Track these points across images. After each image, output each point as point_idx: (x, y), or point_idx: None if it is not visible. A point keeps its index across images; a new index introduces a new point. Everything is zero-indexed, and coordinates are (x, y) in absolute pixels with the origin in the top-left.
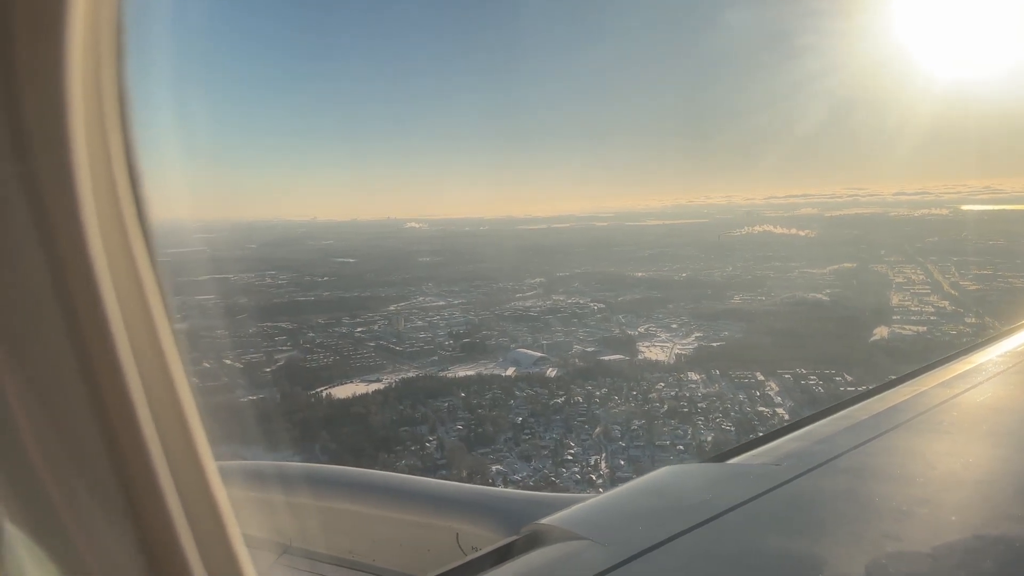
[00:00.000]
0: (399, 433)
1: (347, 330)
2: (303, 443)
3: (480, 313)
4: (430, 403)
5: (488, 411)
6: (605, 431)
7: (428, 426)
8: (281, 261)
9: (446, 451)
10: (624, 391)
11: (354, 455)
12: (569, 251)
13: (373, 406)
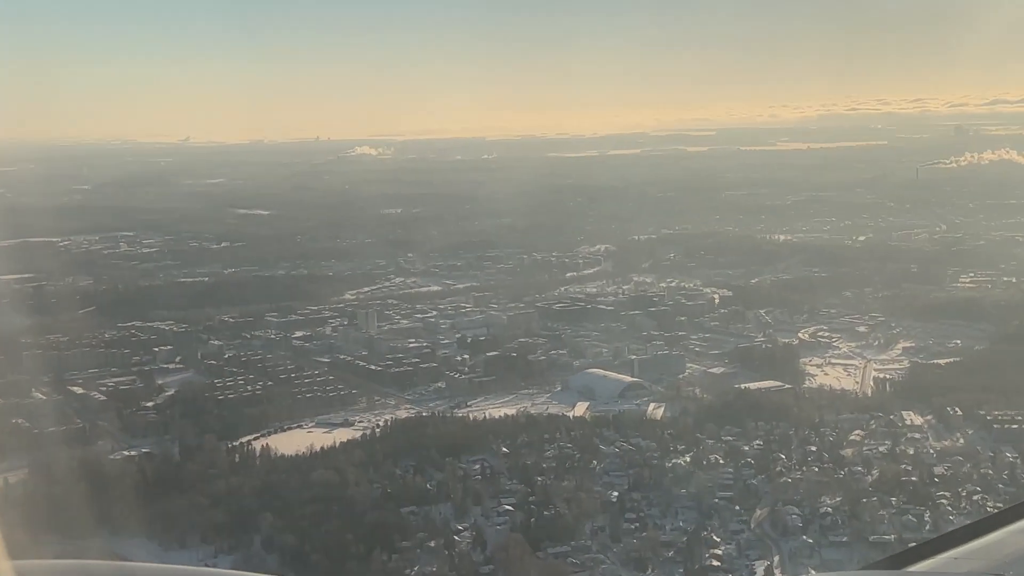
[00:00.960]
0: (402, 519)
1: (276, 334)
2: (232, 535)
3: (507, 305)
4: (449, 464)
5: (554, 478)
6: (773, 516)
7: (453, 505)
8: (141, 214)
9: (491, 550)
10: (794, 444)
11: (330, 559)
12: (647, 195)
13: (349, 469)
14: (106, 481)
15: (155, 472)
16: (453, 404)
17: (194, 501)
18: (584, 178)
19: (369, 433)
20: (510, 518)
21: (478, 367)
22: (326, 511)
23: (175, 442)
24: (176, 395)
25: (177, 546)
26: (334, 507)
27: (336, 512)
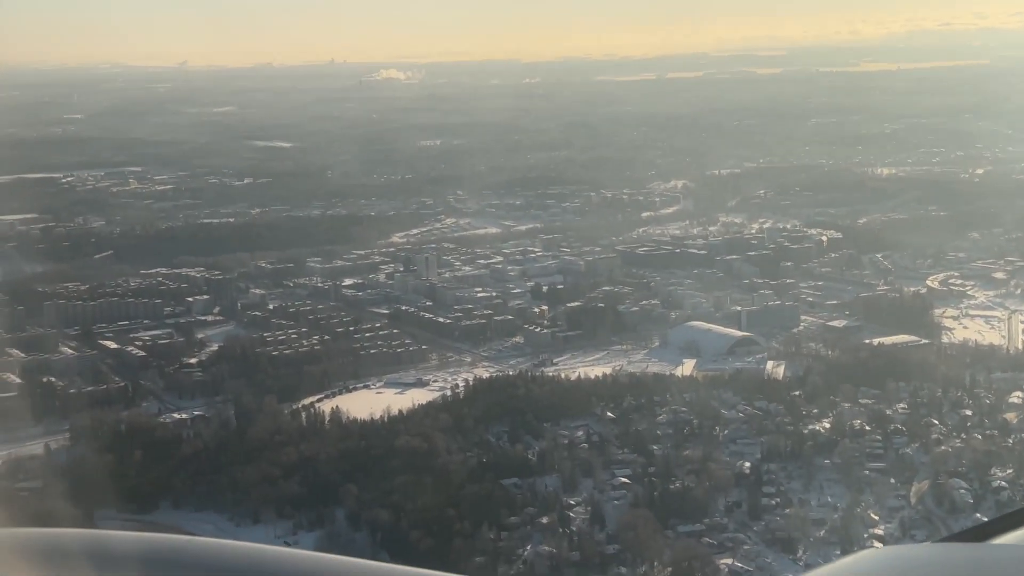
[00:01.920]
0: (505, 492)
1: (323, 282)
2: (312, 509)
3: (580, 250)
4: (549, 431)
5: (673, 446)
6: (937, 490)
7: (561, 477)
8: (146, 147)
9: (614, 528)
10: (945, 408)
11: (432, 536)
12: (719, 124)
13: (436, 436)
14: (160, 448)
15: (213, 438)
16: (537, 362)
17: (264, 471)
18: (644, 105)
19: (449, 395)
20: (628, 492)
21: (560, 320)
22: (418, 483)
23: (229, 404)
24: (221, 351)
25: (250, 521)
26: (427, 478)
27: (430, 484)
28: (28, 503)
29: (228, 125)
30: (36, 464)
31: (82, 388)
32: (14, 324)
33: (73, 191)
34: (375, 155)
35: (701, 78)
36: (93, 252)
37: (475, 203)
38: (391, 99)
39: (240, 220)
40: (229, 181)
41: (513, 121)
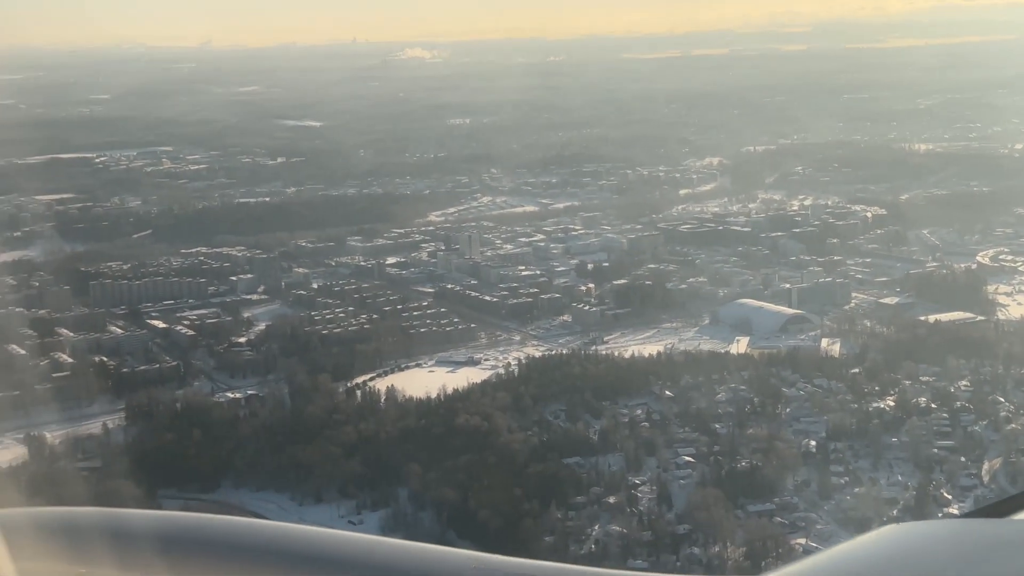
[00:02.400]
0: (569, 471)
1: (365, 260)
2: (375, 488)
3: (621, 227)
4: (607, 410)
5: (736, 425)
6: (1010, 469)
7: (624, 456)
8: (175, 126)
9: (683, 508)
10: (1009, 385)
11: (500, 516)
12: (750, 101)
13: (494, 415)
14: (217, 427)
15: (270, 417)
16: (587, 340)
17: (325, 450)
18: (672, 82)
19: (503, 373)
20: (693, 471)
21: (607, 298)
22: (481, 462)
23: (283, 383)
24: (270, 330)
25: (312, 500)
26: (489, 457)
27: (493, 463)
28: (89, 483)
29: (256, 104)
30: (94, 443)
31: (135, 367)
32: (61, 303)
33: (107, 171)
34: (405, 134)
35: (727, 55)
36: (131, 232)
37: (510, 181)
38: (417, 78)
39: (276, 199)
40: (262, 160)
41: (542, 99)
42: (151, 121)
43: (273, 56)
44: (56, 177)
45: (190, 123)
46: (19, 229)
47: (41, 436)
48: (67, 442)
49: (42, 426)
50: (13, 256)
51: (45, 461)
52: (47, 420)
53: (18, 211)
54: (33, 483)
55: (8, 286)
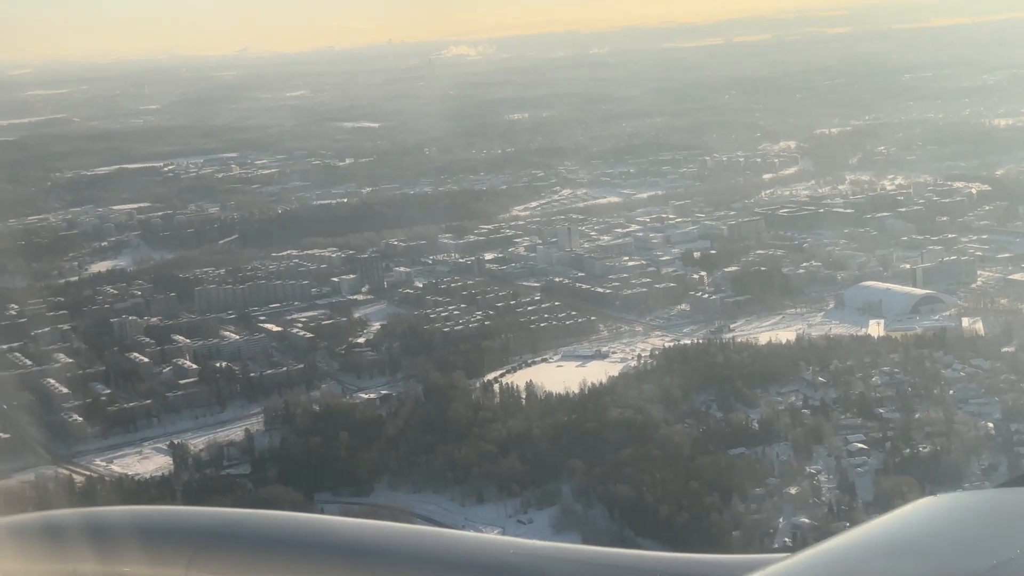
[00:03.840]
0: (739, 462)
1: (462, 257)
2: (536, 485)
3: (714, 214)
4: (760, 398)
5: (901, 408)
6: None
7: (790, 444)
8: (234, 132)
9: (866, 495)
10: None
11: (682, 510)
12: (811, 84)
13: (647, 407)
14: (361, 428)
15: (412, 416)
16: (713, 329)
17: (479, 448)
18: (721, 69)
19: (637, 365)
20: (868, 457)
21: (723, 285)
22: (646, 455)
23: (414, 382)
24: (386, 329)
25: (474, 500)
26: (653, 450)
27: (658, 456)
28: (243, 489)
29: (307, 108)
30: (237, 449)
31: (262, 372)
32: (169, 310)
33: (177, 179)
34: (466, 130)
35: (769, 40)
36: (218, 237)
37: (586, 173)
38: (461, 75)
39: (353, 200)
40: (331, 162)
41: (593, 91)
42: (206, 128)
43: (310, 61)
44: (128, 187)
45: (247, 129)
46: (104, 239)
47: (184, 444)
48: (210, 449)
49: (177, 434)
50: (105, 266)
51: (192, 469)
52: (181, 428)
53: (100, 222)
54: (188, 492)
55: (111, 295)
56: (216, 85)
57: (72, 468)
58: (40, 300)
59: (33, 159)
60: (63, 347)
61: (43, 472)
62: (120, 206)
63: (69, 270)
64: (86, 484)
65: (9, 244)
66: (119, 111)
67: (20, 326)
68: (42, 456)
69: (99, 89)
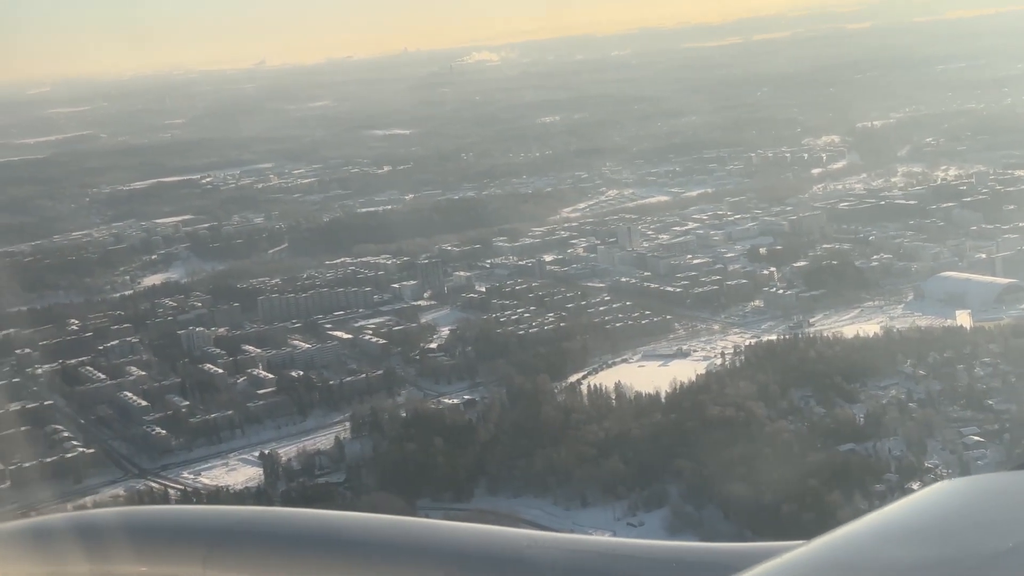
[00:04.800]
0: (853, 458)
1: (522, 260)
2: (641, 487)
3: (770, 210)
4: (857, 391)
5: (1015, 400)
6: None
7: (901, 439)
8: (264, 143)
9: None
10: None
11: (805, 509)
12: (841, 79)
13: (745, 404)
14: (452, 433)
15: (503, 420)
16: (792, 324)
17: (577, 451)
18: (748, 66)
19: (727, 363)
20: (986, 450)
21: (795, 281)
22: (756, 453)
23: (497, 386)
24: (457, 334)
25: (578, 504)
26: (763, 448)
27: (769, 454)
28: (343, 496)
29: (333, 118)
30: (327, 458)
31: (342, 379)
32: (234, 321)
33: (217, 191)
34: (500, 135)
35: (789, 38)
36: (267, 247)
37: (630, 173)
38: (485, 81)
39: (398, 206)
40: (369, 170)
41: (622, 92)
42: (236, 140)
43: (327, 71)
44: (167, 200)
45: (277, 139)
46: (153, 252)
47: (275, 454)
48: (300, 458)
49: (261, 444)
50: (158, 279)
51: (284, 478)
52: (265, 438)
53: (147, 235)
54: (287, 501)
55: (171, 308)
56: (237, 98)
57: (160, 481)
58: (100, 314)
59: (68, 175)
60: (133, 360)
61: (132, 486)
62: (163, 219)
63: (122, 284)
64: (181, 497)
65: (59, 259)
66: (144, 126)
67: (86, 340)
68: (128, 470)
69: (120, 105)
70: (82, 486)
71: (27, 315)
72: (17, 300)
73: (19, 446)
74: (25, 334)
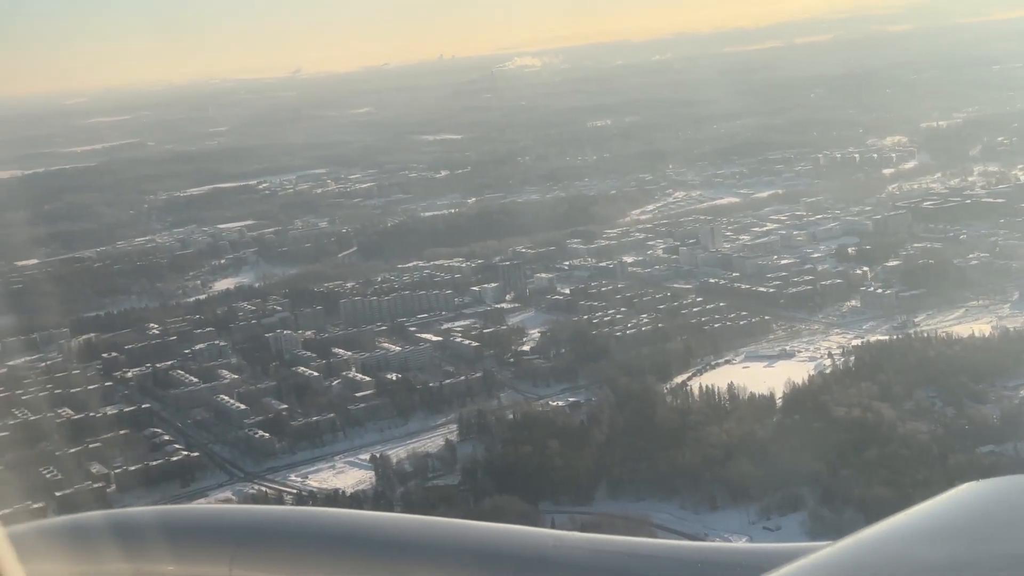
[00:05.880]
0: (994, 460)
1: (600, 262)
2: (773, 490)
3: (849, 209)
4: (984, 391)
5: None
6: None
7: None
8: (314, 150)
9: None
10: None
11: None
12: (896, 80)
13: (872, 405)
14: (564, 436)
15: (613, 421)
16: (896, 324)
17: (700, 453)
18: (795, 69)
19: (839, 363)
20: None
21: (892, 280)
22: (893, 455)
23: (598, 387)
24: (549, 336)
25: (707, 507)
26: (898, 450)
27: (907, 456)
28: (464, 500)
29: (379, 124)
30: (437, 460)
31: (441, 382)
32: (317, 324)
33: (275, 196)
34: (552, 139)
35: (831, 41)
36: (336, 251)
37: (695, 175)
38: (526, 86)
39: (462, 210)
40: (427, 174)
41: (670, 96)
42: (284, 147)
43: (365, 79)
44: (226, 205)
45: (327, 145)
46: (221, 257)
47: (386, 456)
48: (411, 460)
49: (366, 447)
50: (228, 283)
51: (395, 481)
52: (368, 441)
53: (213, 240)
54: (408, 504)
55: (250, 311)
56: (277, 106)
57: (267, 484)
58: (178, 318)
59: (121, 182)
60: (223, 364)
61: (241, 489)
62: (224, 224)
63: (193, 288)
64: (297, 501)
65: (128, 265)
66: (189, 134)
67: (170, 344)
68: (234, 473)
69: (161, 114)
70: (190, 489)
71: (104, 319)
72: (91, 305)
73: (121, 449)
74: (105, 338)
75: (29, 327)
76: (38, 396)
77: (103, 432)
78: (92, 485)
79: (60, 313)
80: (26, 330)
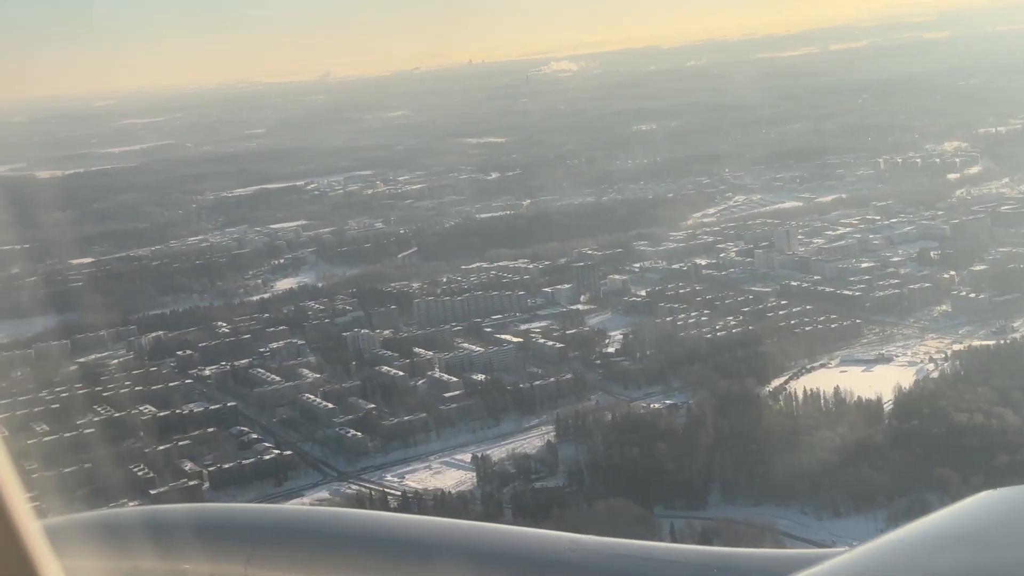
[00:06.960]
0: None
1: (674, 264)
2: (896, 495)
3: (920, 213)
4: None
5: None
6: None
7: None
8: (357, 152)
9: None
10: None
11: None
12: (942, 86)
13: (993, 411)
14: (668, 438)
15: (717, 425)
16: (995, 329)
17: (819, 457)
18: (837, 74)
19: (946, 368)
20: None
21: (982, 285)
22: None
23: (695, 390)
24: (632, 338)
25: (830, 513)
26: None
27: None
28: (576, 503)
29: (418, 127)
30: (538, 461)
31: (532, 383)
32: (392, 324)
33: (325, 197)
34: (599, 142)
35: (867, 47)
36: (395, 251)
37: (752, 179)
38: (563, 91)
39: (518, 212)
40: (477, 176)
41: (713, 100)
42: (325, 149)
43: (395, 83)
44: (276, 206)
45: (370, 147)
46: (279, 257)
47: (487, 457)
48: (512, 461)
49: (459, 448)
50: (290, 283)
51: (498, 482)
52: (462, 442)
53: (270, 239)
54: (520, 507)
55: (319, 311)
56: (311, 109)
57: (364, 485)
58: (245, 316)
59: (165, 183)
60: (302, 362)
61: (338, 489)
62: (276, 225)
63: (254, 287)
64: (402, 504)
65: (186, 264)
66: (226, 136)
67: (243, 343)
68: (327, 473)
69: (195, 116)
70: (284, 489)
71: (170, 317)
72: (153, 303)
73: (210, 447)
74: (174, 336)
75: (93, 325)
76: (118, 393)
77: (190, 429)
78: (187, 483)
79: (123, 311)
80: (91, 328)
